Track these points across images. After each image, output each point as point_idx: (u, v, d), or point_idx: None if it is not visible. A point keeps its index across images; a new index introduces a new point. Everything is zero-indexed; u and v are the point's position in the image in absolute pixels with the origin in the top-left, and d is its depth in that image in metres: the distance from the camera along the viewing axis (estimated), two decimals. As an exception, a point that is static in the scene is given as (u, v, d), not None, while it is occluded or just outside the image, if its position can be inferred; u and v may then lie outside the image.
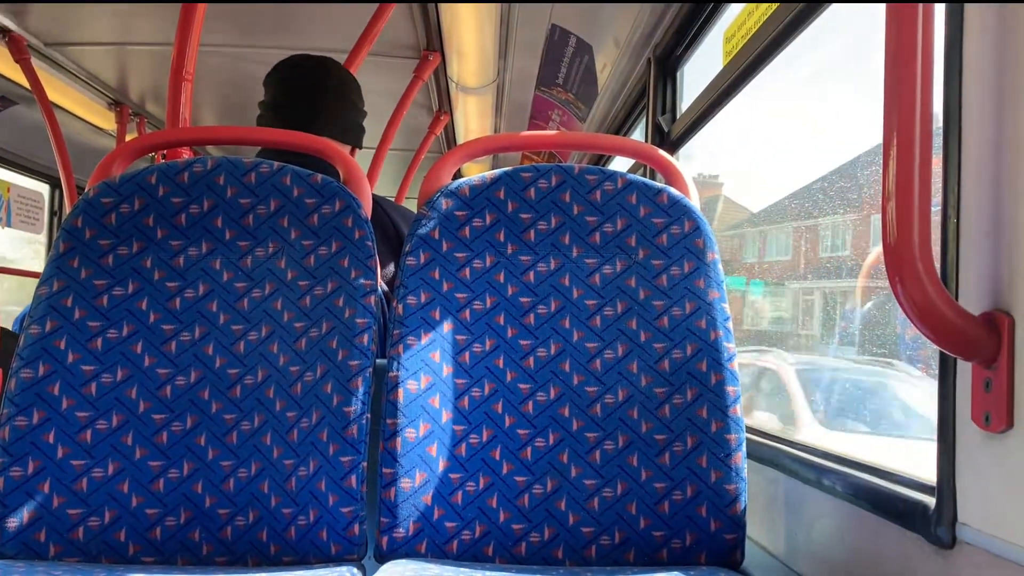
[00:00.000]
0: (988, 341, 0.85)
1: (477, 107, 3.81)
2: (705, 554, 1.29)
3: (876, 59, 0.86)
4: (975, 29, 0.90)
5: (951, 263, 0.93)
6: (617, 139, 1.77)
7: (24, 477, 1.27)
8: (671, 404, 1.33)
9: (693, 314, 1.37)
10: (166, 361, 1.35)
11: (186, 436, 1.32)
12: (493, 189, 1.43)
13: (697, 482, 1.30)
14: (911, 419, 3.48)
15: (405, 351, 1.34)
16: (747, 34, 1.89)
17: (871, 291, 3.23)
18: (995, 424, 0.85)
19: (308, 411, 1.32)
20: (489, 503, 1.31)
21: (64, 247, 1.38)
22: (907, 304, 0.85)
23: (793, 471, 1.39)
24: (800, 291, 4.65)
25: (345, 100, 1.97)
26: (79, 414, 1.31)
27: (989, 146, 0.88)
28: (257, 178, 1.43)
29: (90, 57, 3.43)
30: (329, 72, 1.96)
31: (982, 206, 0.89)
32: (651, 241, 1.41)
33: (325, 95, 1.93)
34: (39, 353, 1.32)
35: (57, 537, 1.27)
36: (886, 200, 0.84)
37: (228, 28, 3.02)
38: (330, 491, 1.28)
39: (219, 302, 1.38)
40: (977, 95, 0.90)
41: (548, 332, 1.38)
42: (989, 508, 0.88)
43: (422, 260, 1.39)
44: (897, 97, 0.83)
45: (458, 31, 2.90)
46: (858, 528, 1.16)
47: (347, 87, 1.99)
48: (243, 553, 1.29)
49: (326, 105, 1.92)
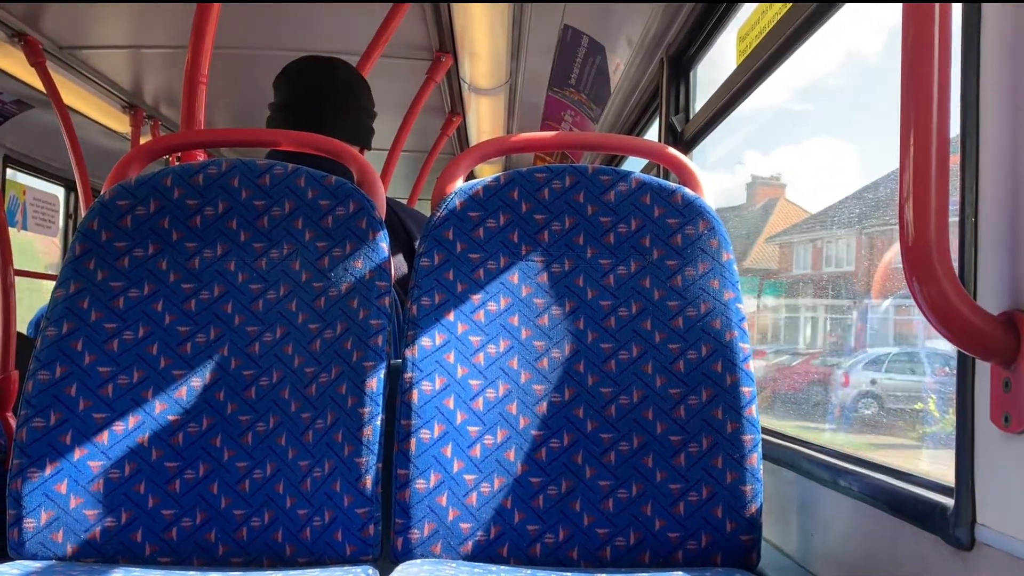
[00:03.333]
0: (1007, 341, 0.84)
1: (490, 108, 3.81)
2: (721, 555, 1.29)
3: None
4: (992, 28, 0.90)
5: (969, 263, 0.93)
6: (630, 139, 1.77)
7: (42, 478, 1.28)
8: (686, 405, 1.33)
9: (708, 315, 1.36)
10: (182, 363, 1.36)
11: (202, 437, 1.33)
12: (507, 190, 1.43)
13: (713, 483, 1.30)
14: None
15: (419, 352, 1.34)
16: (761, 33, 1.88)
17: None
18: (1014, 425, 0.85)
19: (323, 412, 1.32)
20: (504, 504, 1.31)
21: (80, 249, 1.39)
22: (925, 304, 0.84)
23: (809, 472, 1.39)
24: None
25: (353, 101, 1.96)
26: (96, 415, 1.32)
27: (1007, 145, 0.87)
28: (271, 180, 1.44)
29: (105, 60, 3.45)
30: (336, 73, 1.96)
31: (1000, 205, 0.88)
32: (665, 241, 1.41)
33: (332, 96, 1.92)
34: (56, 355, 1.33)
35: (74, 538, 1.28)
36: (903, 200, 0.83)
37: (242, 31, 3.03)
38: (345, 492, 1.28)
39: (234, 304, 1.39)
40: (995, 94, 0.89)
41: (562, 333, 1.38)
42: (1008, 509, 0.87)
43: (436, 261, 1.39)
44: (914, 96, 0.83)
45: (470, 32, 2.90)
46: (875, 529, 1.16)
47: (355, 88, 1.98)
48: (258, 554, 1.29)
49: (333, 106, 1.91)
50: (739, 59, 2.06)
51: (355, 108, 1.96)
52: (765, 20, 1.87)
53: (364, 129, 2.00)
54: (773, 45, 1.76)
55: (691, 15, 2.45)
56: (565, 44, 3.23)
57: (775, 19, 1.78)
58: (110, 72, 3.59)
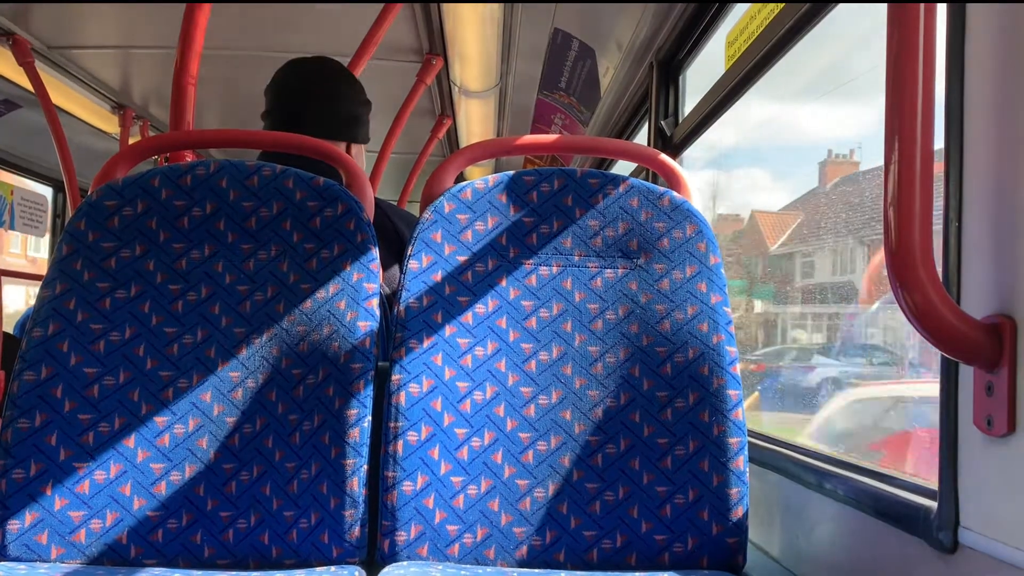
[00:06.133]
0: (990, 345, 0.85)
1: (480, 111, 3.81)
2: (707, 558, 1.29)
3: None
4: (977, 30, 0.90)
5: (953, 268, 0.93)
6: (619, 142, 1.77)
7: (26, 479, 1.27)
8: (673, 408, 1.33)
9: (695, 318, 1.37)
10: (168, 364, 1.35)
11: (188, 439, 1.33)
12: (495, 192, 1.44)
13: (699, 486, 1.30)
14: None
15: (407, 354, 1.34)
16: (750, 38, 1.89)
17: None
18: (997, 428, 0.85)
19: (310, 414, 1.32)
20: (491, 506, 1.31)
21: (67, 250, 1.38)
22: (909, 309, 0.85)
23: (795, 475, 1.39)
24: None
25: (331, 96, 1.91)
26: (81, 416, 1.31)
27: (991, 149, 0.88)
28: (260, 181, 1.44)
29: (93, 60, 3.44)
30: (312, 70, 1.92)
31: (985, 210, 0.89)
32: (653, 245, 1.41)
33: (307, 91, 1.88)
34: (42, 356, 1.32)
35: (59, 539, 1.27)
36: (887, 204, 0.84)
37: (232, 32, 3.02)
38: (332, 494, 1.28)
39: (221, 305, 1.39)
40: (979, 98, 0.90)
41: (550, 336, 1.38)
42: (991, 512, 0.88)
43: (424, 263, 1.39)
44: (899, 99, 0.83)
45: (461, 35, 2.90)
46: (859, 532, 1.16)
47: (333, 82, 1.93)
48: (244, 556, 1.29)
49: (310, 103, 1.88)
50: (727, 63, 2.07)
51: (333, 103, 1.91)
52: (753, 25, 1.88)
53: (344, 120, 1.93)
54: (761, 50, 1.77)
55: (680, 19, 2.46)
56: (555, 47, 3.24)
57: (763, 24, 1.79)
58: (99, 72, 3.58)
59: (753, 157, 5.87)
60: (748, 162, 6.76)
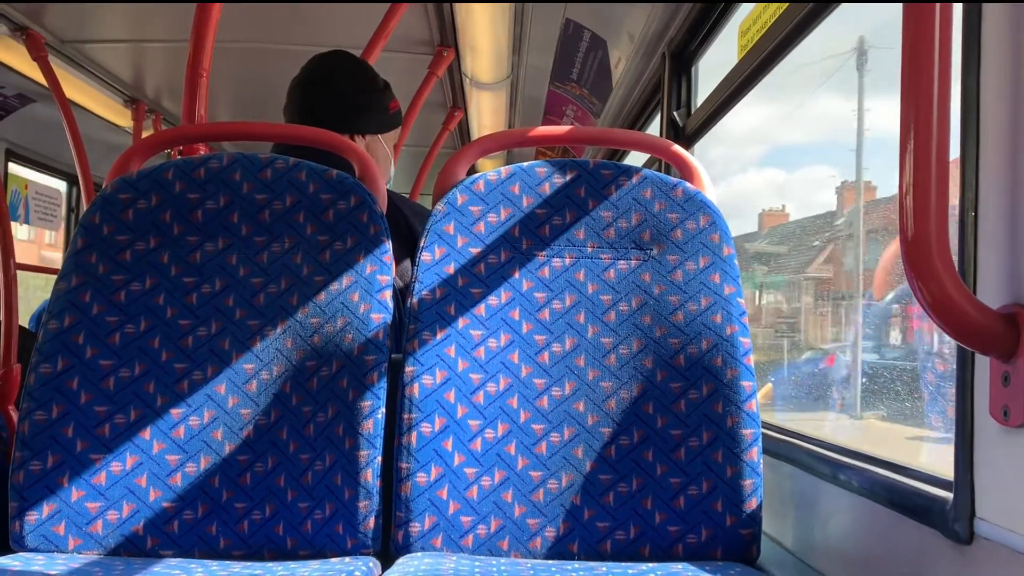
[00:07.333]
0: (1007, 335, 0.85)
1: (491, 103, 3.81)
2: (721, 549, 1.29)
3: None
4: (993, 26, 0.90)
5: (969, 258, 0.93)
6: (632, 133, 1.77)
7: (43, 471, 1.29)
8: (686, 399, 1.33)
9: (708, 309, 1.36)
10: (183, 356, 1.36)
11: (203, 430, 1.33)
12: (508, 184, 1.43)
13: (713, 477, 1.30)
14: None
15: (420, 346, 1.34)
16: (763, 28, 1.88)
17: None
18: (1014, 418, 0.85)
19: (324, 406, 1.32)
20: (504, 498, 1.31)
21: (82, 243, 1.39)
22: (925, 299, 0.84)
23: (809, 466, 1.39)
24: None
25: (338, 87, 1.90)
26: (97, 408, 1.32)
27: (1007, 141, 0.87)
28: (273, 174, 1.44)
29: (107, 54, 3.45)
30: (318, 63, 1.92)
31: (1000, 201, 0.88)
32: (666, 236, 1.41)
33: (315, 87, 1.89)
34: (58, 348, 1.33)
35: (76, 530, 1.28)
36: (903, 195, 0.84)
37: (244, 25, 3.02)
38: (346, 485, 1.29)
39: (235, 297, 1.39)
40: (995, 91, 0.89)
41: (563, 327, 1.38)
42: (1007, 503, 0.87)
43: (437, 255, 1.39)
44: (914, 93, 0.83)
45: (472, 27, 2.90)
46: (874, 523, 1.16)
47: (339, 73, 1.91)
48: (259, 546, 1.30)
49: (317, 95, 1.88)
50: (740, 54, 2.06)
51: (339, 94, 1.90)
52: (767, 15, 1.87)
53: (352, 109, 1.91)
54: (775, 40, 1.76)
55: (693, 10, 2.45)
56: (567, 39, 3.23)
57: (777, 13, 1.78)
58: (112, 66, 3.59)
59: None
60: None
